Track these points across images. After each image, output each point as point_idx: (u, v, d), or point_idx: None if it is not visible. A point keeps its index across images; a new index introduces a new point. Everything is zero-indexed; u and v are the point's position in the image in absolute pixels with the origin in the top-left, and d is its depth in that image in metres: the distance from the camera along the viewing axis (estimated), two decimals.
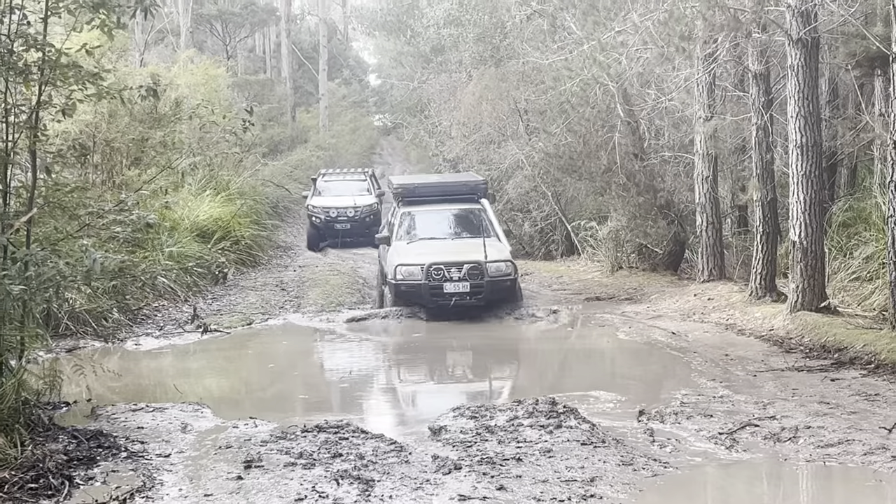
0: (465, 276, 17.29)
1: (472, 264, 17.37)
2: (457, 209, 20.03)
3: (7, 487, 7.06)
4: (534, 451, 8.23)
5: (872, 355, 11.99)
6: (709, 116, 18.68)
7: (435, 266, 17.32)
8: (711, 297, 18.01)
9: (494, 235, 18.82)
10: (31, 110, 10.12)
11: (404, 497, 7.17)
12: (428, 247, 18.45)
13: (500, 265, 17.62)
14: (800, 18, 14.54)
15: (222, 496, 7.26)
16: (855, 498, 7.39)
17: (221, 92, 29.57)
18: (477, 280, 17.28)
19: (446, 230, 19.71)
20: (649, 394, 11.00)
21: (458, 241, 19.11)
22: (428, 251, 18.07)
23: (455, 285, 17.25)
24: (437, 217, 19.93)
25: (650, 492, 7.20)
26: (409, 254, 18.05)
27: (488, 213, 19.61)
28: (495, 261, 17.53)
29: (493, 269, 17.48)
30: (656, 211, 22.49)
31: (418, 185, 20.86)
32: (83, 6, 10.00)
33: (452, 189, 20.69)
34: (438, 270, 17.31)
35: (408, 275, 17.46)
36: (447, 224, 19.90)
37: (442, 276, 17.29)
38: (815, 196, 15.06)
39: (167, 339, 16.04)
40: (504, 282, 17.57)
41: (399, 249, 18.48)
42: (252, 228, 26.48)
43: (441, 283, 17.26)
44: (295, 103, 49.14)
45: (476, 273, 17.31)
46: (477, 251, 17.54)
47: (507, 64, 25.94)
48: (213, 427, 9.82)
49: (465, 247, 18.40)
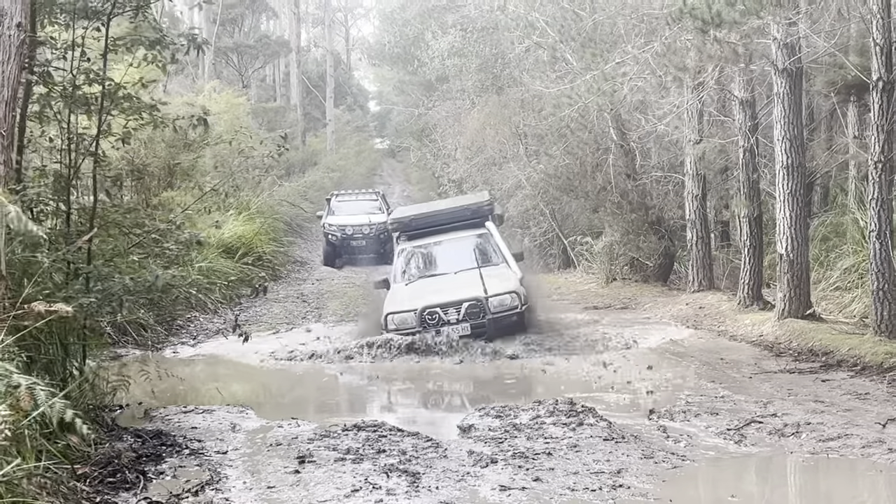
0: (464, 317, 14.79)
1: (470, 302, 14.83)
2: (458, 238, 17.26)
3: (89, 481, 7.23)
4: (561, 447, 8.42)
5: (857, 358, 12.18)
6: (698, 140, 18.97)
7: (429, 310, 14.82)
8: (702, 305, 18.23)
9: (503, 262, 16.37)
10: (92, 138, 10.34)
11: (450, 487, 7.34)
12: (424, 287, 15.91)
13: (504, 298, 14.98)
14: (785, 50, 14.80)
15: (284, 488, 7.43)
16: (858, 487, 7.59)
17: (242, 119, 29.78)
18: (478, 319, 14.78)
19: (447, 264, 16.76)
20: (654, 394, 11.15)
21: (461, 275, 16.05)
22: (423, 293, 15.52)
23: (454, 329, 14.67)
24: (437, 250, 17.26)
25: (673, 482, 7.37)
26: (402, 298, 15.56)
27: (495, 237, 17.03)
28: (498, 294, 14.96)
29: (496, 303, 14.92)
30: (647, 226, 22.72)
31: (414, 218, 18.04)
32: (141, 44, 10.23)
33: (452, 216, 17.78)
34: (433, 314, 14.81)
35: (400, 323, 14.91)
36: (447, 257, 16.97)
37: (437, 319, 14.78)
38: (800, 212, 15.30)
39: (201, 347, 16.28)
40: (509, 317, 14.92)
41: (393, 294, 16.05)
42: (272, 245, 26.73)
43: (438, 327, 14.70)
44: (304, 128, 49.35)
45: (476, 311, 14.81)
46: (476, 286, 14.95)
47: (508, 91, 26.22)
48: (259, 427, 9.97)
49: (464, 282, 15.54)
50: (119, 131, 10.56)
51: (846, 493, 7.49)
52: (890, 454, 7.75)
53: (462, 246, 17.03)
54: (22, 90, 9.22)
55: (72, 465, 7.19)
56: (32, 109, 10.28)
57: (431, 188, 43.55)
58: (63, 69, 10.46)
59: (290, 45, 50.33)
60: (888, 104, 12.83)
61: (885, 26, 12.71)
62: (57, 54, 10.53)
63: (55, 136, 10.59)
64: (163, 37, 10.34)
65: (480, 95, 28.47)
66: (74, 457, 7.48)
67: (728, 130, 19.96)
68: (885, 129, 12.83)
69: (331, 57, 56.34)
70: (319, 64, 61.34)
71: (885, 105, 12.80)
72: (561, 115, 20.81)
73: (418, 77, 38.96)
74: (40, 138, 10.71)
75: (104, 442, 8.36)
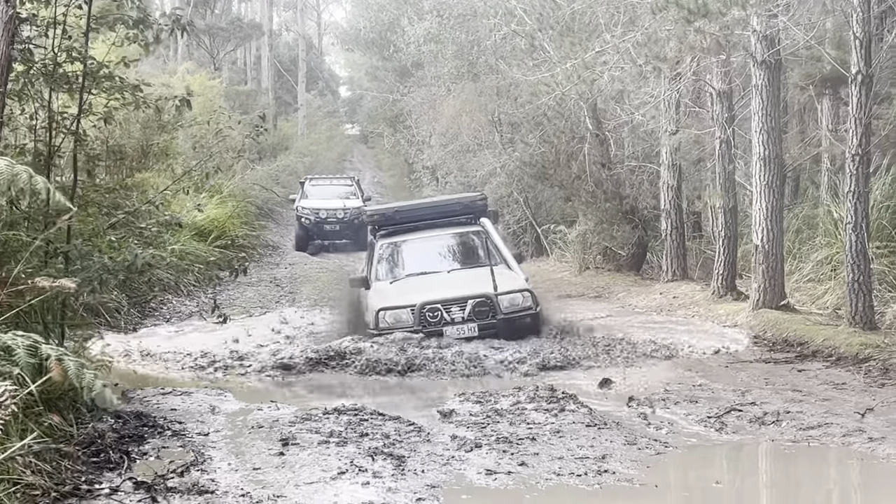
0: (471, 316, 12.93)
1: (478, 299, 12.98)
2: (450, 234, 15.33)
3: (73, 461, 7.19)
4: (544, 432, 8.46)
5: (832, 349, 12.29)
6: (675, 130, 19.05)
7: (430, 306, 12.93)
8: (676, 295, 18.33)
9: (502, 262, 14.31)
10: (73, 117, 10.26)
11: (436, 471, 7.37)
12: (418, 284, 13.94)
13: (516, 297, 13.22)
14: (764, 42, 14.89)
15: (269, 469, 7.42)
16: (841, 474, 7.69)
17: (215, 101, 29.61)
18: (487, 319, 12.93)
19: (439, 262, 14.84)
20: (632, 381, 11.17)
21: (456, 273, 14.39)
22: (419, 288, 13.60)
23: (458, 329, 12.81)
24: (425, 246, 15.13)
25: (657, 468, 7.44)
26: (394, 294, 13.66)
27: (491, 235, 14.91)
28: (509, 292, 13.16)
29: (507, 302, 13.11)
30: (621, 216, 22.81)
31: (398, 210, 15.97)
32: (124, 23, 10.16)
33: (441, 211, 15.72)
34: (435, 312, 12.92)
35: (395, 321, 12.99)
36: (439, 254, 15.06)
37: (440, 318, 12.90)
38: (776, 204, 15.41)
39: (176, 329, 16.21)
40: (522, 318, 13.10)
41: (380, 291, 14.01)
42: (244, 229, 26.63)
43: (440, 327, 12.85)
44: (276, 113, 49.13)
45: (485, 310, 12.95)
46: (484, 282, 13.13)
47: (484, 79, 26.20)
48: (238, 409, 9.95)
49: (467, 279, 13.82)
50: (100, 111, 10.48)
51: (829, 480, 7.59)
52: (871, 443, 7.85)
53: (453, 243, 15.28)
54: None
55: (57, 445, 7.15)
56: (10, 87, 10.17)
57: (403, 174, 43.50)
58: (43, 47, 10.36)
59: (262, 29, 50.06)
60: (867, 97, 12.95)
61: (864, 20, 12.81)
62: (38, 31, 10.42)
63: (35, 115, 10.49)
64: (146, 16, 10.28)
65: (456, 82, 28.43)
66: (57, 436, 7.45)
67: (703, 122, 20.05)
68: (864, 122, 12.95)
69: (303, 41, 56.09)
70: (291, 48, 61.07)
71: (863, 98, 12.91)
72: (538, 104, 20.82)
73: (392, 63, 38.86)
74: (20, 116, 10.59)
75: (86, 423, 8.31)
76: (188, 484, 6.97)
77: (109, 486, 6.87)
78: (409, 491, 6.86)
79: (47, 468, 6.82)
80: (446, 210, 15.70)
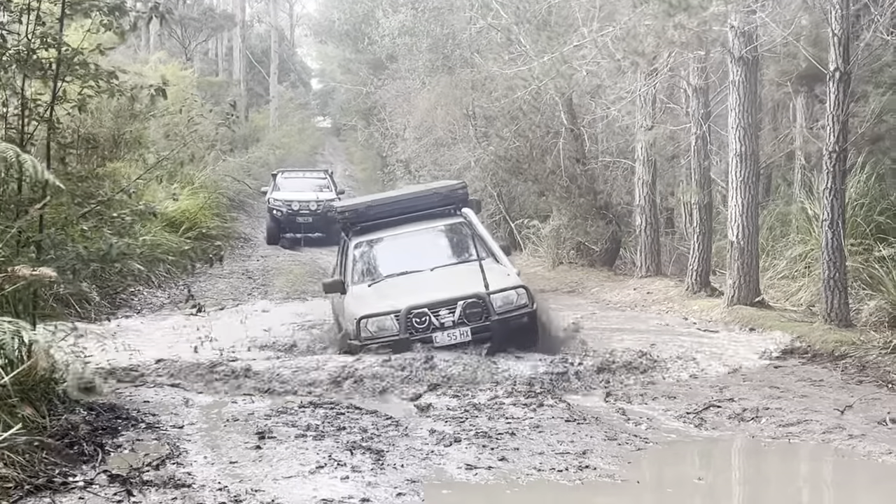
0: (462, 319, 11.57)
1: (469, 300, 11.61)
2: (430, 228, 13.83)
3: (46, 452, 7.07)
4: (523, 427, 8.41)
5: (808, 346, 12.27)
6: (650, 126, 19.05)
7: (417, 311, 11.57)
8: (650, 290, 18.34)
9: (489, 256, 12.82)
10: (46, 105, 10.08)
11: (415, 465, 7.30)
12: (401, 285, 12.55)
13: (510, 294, 11.82)
14: (742, 38, 14.88)
15: (247, 463, 7.33)
16: (823, 472, 7.67)
17: (188, 92, 29.33)
18: (479, 321, 11.57)
19: (421, 260, 13.22)
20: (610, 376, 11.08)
21: (441, 271, 12.95)
22: (402, 291, 12.21)
23: (449, 335, 11.49)
24: (403, 243, 13.65)
25: (638, 464, 7.40)
26: (374, 299, 12.23)
27: (476, 226, 13.48)
28: (502, 290, 11.80)
29: (501, 301, 11.74)
30: (595, 211, 22.77)
31: (371, 204, 14.32)
32: (99, 9, 9.98)
33: (418, 202, 14.20)
34: (422, 317, 11.55)
35: (378, 330, 11.60)
36: (421, 251, 13.44)
37: (428, 323, 11.53)
38: (752, 200, 15.43)
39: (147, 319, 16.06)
40: (518, 317, 11.73)
41: (360, 295, 12.57)
42: (216, 220, 26.46)
43: (428, 334, 11.48)
44: (248, 104, 48.83)
45: (477, 312, 11.60)
46: (473, 280, 11.84)
47: (459, 72, 26.06)
48: (212, 402, 9.87)
49: (454, 277, 12.53)
50: (74, 98, 10.30)
51: (812, 478, 7.58)
52: (851, 440, 7.83)
53: (435, 237, 13.84)
54: None
55: (31, 437, 7.02)
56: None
57: (376, 168, 43.30)
58: (17, 33, 10.18)
59: (234, 19, 49.74)
60: (845, 95, 12.96)
61: (843, 17, 12.81)
62: (11, 17, 10.24)
63: (6, 102, 10.30)
64: (122, 3, 10.10)
65: (431, 75, 28.27)
66: (30, 428, 7.31)
67: (678, 118, 20.07)
68: (841, 119, 12.96)
69: (275, 32, 55.78)
70: (263, 39, 60.71)
71: (841, 96, 12.91)
72: (514, 98, 20.76)
73: (366, 55, 38.66)
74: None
75: (59, 414, 8.17)
76: (164, 477, 6.86)
77: (84, 480, 6.76)
78: (389, 485, 6.79)
79: (20, 460, 6.70)
80: (424, 202, 14.16)
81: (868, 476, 7.09)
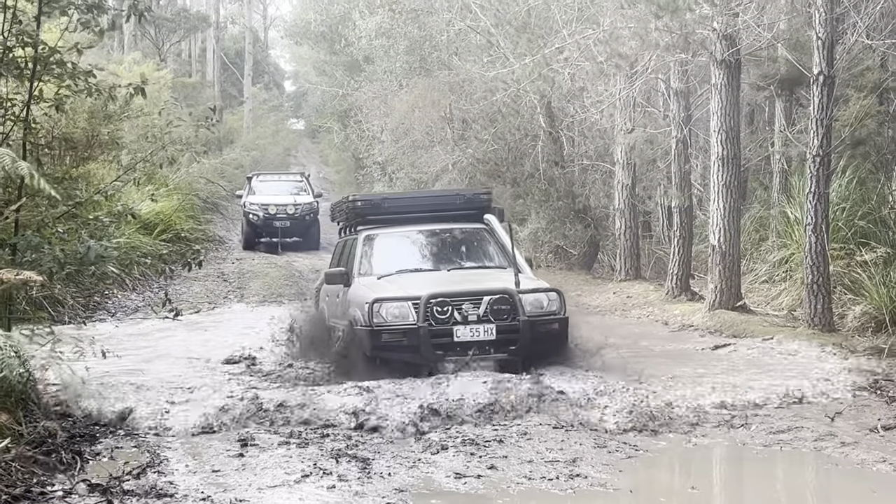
0: (488, 316, 10.45)
1: (497, 296, 10.52)
2: (449, 230, 12.59)
3: (23, 461, 6.86)
4: (511, 434, 8.26)
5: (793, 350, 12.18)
6: (630, 129, 18.98)
7: (438, 300, 10.43)
8: (630, 294, 18.30)
9: (511, 266, 11.17)
10: (23, 104, 9.88)
11: (403, 474, 7.14)
12: (416, 279, 11.44)
13: (540, 297, 10.73)
14: (724, 41, 14.81)
15: (230, 472, 7.14)
16: (818, 480, 7.54)
17: (163, 93, 29.07)
18: (507, 321, 10.44)
19: (437, 260, 12.27)
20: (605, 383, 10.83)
21: (460, 273, 11.85)
22: (419, 283, 11.08)
23: (472, 330, 10.37)
24: (420, 240, 12.61)
25: (630, 472, 7.24)
26: (389, 287, 11.07)
27: (499, 233, 12.33)
28: (533, 290, 10.76)
29: (532, 302, 10.63)
30: (573, 215, 22.74)
31: (387, 198, 13.50)
32: (76, 7, 9.79)
33: (438, 203, 13.32)
34: (444, 307, 10.39)
35: (394, 316, 10.45)
36: (437, 250, 12.47)
37: (449, 315, 10.39)
38: (734, 204, 15.39)
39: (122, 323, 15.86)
40: (549, 324, 10.67)
41: (370, 284, 11.35)
42: (190, 223, 26.20)
43: (449, 326, 10.38)
44: (221, 106, 48.52)
45: (505, 309, 10.46)
46: (501, 278, 11.01)
47: (437, 74, 25.95)
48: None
49: (475, 277, 11.53)
50: (51, 98, 10.09)
51: (806, 486, 7.45)
52: (843, 448, 7.71)
53: (454, 239, 12.64)
54: None
55: (7, 445, 6.82)
56: None
57: (350, 170, 43.15)
58: None
59: (209, 20, 49.44)
60: (828, 98, 12.92)
61: (827, 20, 12.76)
62: None
63: None
64: (101, 1, 9.91)
65: (408, 77, 28.15)
66: (6, 435, 7.10)
67: (655, 121, 20.04)
68: (825, 123, 12.91)
69: (250, 33, 55.52)
70: (237, 41, 60.44)
71: (825, 99, 12.88)
72: (493, 100, 20.67)
73: (341, 57, 38.51)
74: None
75: (36, 421, 7.97)
76: (145, 487, 6.69)
77: (62, 489, 6.58)
78: (377, 495, 6.63)
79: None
80: (444, 202, 13.28)
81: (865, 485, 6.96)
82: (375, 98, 30.14)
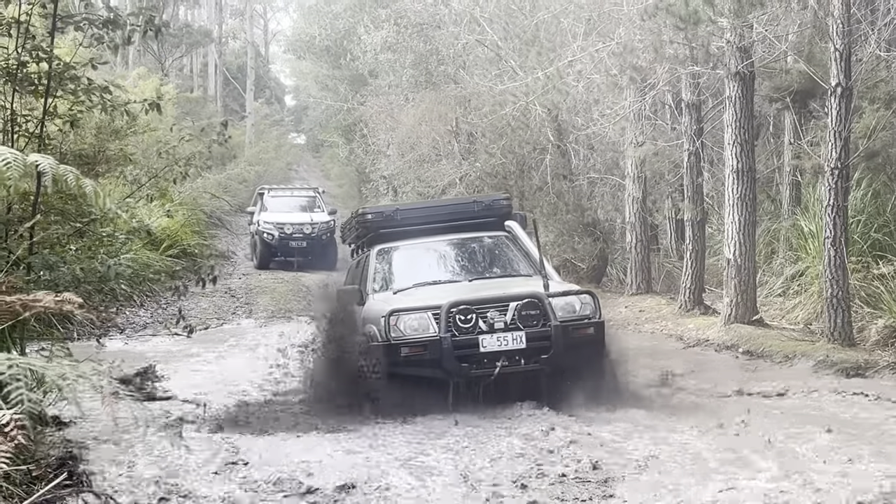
0: (516, 322, 9.60)
1: (525, 301, 9.65)
2: (468, 239, 11.85)
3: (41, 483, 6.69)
4: None
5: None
6: (641, 142, 18.88)
7: (461, 308, 9.62)
8: (642, 308, 18.15)
9: (538, 274, 10.44)
10: (37, 120, 9.77)
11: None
12: (435, 290, 10.53)
13: (572, 300, 9.86)
14: (738, 53, 14.71)
15: None
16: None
17: (167, 108, 28.97)
18: (537, 327, 9.58)
19: (457, 271, 11.50)
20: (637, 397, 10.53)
21: (482, 282, 10.93)
22: (439, 294, 10.19)
23: (499, 339, 9.52)
24: (438, 251, 11.79)
25: None
26: (407, 299, 10.27)
27: (522, 240, 11.57)
28: (563, 293, 9.95)
29: (563, 306, 9.77)
30: (582, 228, 22.63)
31: (400, 209, 12.48)
32: (92, 23, 9.68)
33: (455, 212, 12.36)
34: (467, 315, 9.58)
35: (413, 329, 9.60)
36: (457, 261, 11.71)
37: (473, 324, 9.56)
38: (749, 217, 15.26)
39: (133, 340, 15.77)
40: (583, 329, 9.74)
41: (385, 299, 10.53)
42: (196, 238, 26.09)
43: (473, 336, 9.51)
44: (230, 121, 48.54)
45: (534, 315, 9.62)
46: (528, 284, 10.30)
47: (443, 88, 25.88)
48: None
49: (500, 284, 10.67)
50: (65, 113, 9.98)
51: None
52: None
53: (473, 248, 11.88)
54: None
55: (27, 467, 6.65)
56: None
57: (353, 184, 43.04)
58: (5, 47, 9.86)
59: (211, 35, 49.53)
60: (847, 110, 12.80)
61: (846, 32, 12.65)
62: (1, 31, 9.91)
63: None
64: (116, 17, 9.80)
65: (415, 91, 28.09)
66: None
67: (665, 134, 19.93)
68: (843, 135, 12.78)
69: (252, 48, 55.66)
70: (239, 56, 60.60)
71: (843, 111, 12.75)
72: (501, 114, 20.58)
73: (345, 71, 38.48)
74: None
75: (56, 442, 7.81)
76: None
77: None
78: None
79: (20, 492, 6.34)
80: (461, 210, 12.35)
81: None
82: (381, 112, 30.05)
